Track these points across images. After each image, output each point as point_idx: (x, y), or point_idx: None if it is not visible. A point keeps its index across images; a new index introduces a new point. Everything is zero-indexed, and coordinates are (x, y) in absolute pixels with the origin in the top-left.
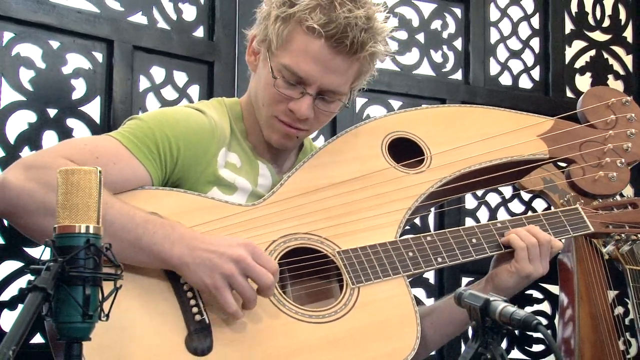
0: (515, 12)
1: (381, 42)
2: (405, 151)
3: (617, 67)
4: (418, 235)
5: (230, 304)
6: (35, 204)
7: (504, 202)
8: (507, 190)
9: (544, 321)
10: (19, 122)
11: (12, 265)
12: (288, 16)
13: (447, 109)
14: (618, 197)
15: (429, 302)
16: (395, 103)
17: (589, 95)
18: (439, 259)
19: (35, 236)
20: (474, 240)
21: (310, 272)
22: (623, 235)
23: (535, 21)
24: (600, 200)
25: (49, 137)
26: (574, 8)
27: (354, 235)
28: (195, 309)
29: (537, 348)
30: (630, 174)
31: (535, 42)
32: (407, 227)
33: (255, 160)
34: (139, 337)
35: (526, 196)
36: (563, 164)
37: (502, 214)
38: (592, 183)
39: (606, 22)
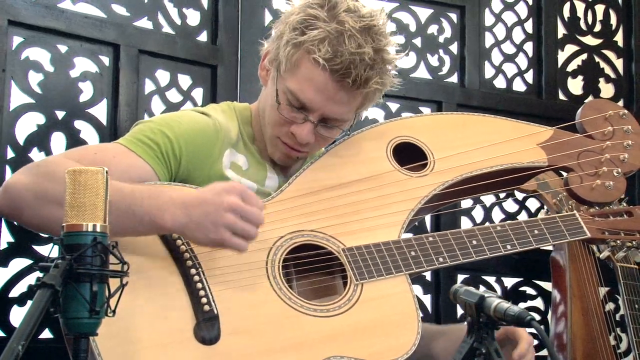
0: (509, 17)
1: (388, 74)
2: (409, 155)
3: (608, 70)
4: (420, 235)
5: (241, 245)
6: (34, 194)
7: (499, 202)
8: None
9: (537, 317)
10: (28, 124)
11: (22, 262)
12: (298, 43)
13: (450, 116)
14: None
15: (426, 298)
16: (393, 105)
17: (587, 107)
18: (440, 259)
19: (42, 228)
20: (474, 242)
21: (315, 268)
22: (618, 242)
23: (529, 26)
24: (597, 207)
25: (57, 139)
26: (566, 13)
27: (358, 234)
28: (204, 300)
29: None
30: (626, 183)
31: (528, 46)
32: None
33: (262, 162)
34: (149, 326)
35: (520, 196)
36: (562, 172)
37: (496, 214)
38: (590, 191)
39: (597, 27)
